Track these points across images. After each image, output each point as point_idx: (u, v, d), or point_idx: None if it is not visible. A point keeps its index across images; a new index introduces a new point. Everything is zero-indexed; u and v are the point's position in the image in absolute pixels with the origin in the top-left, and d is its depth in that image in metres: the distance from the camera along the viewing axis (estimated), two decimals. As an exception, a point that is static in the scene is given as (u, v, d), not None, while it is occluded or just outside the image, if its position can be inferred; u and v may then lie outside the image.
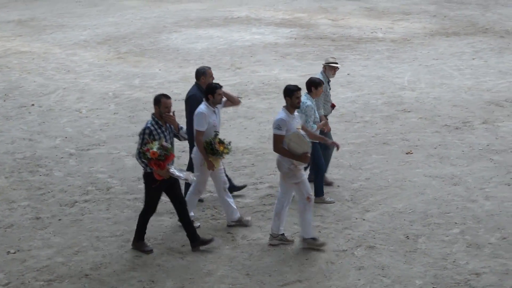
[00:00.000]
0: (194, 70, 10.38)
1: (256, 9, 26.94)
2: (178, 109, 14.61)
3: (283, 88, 9.20)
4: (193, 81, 10.34)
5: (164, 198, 9.22)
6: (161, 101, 8.71)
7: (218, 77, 16.90)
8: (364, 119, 13.76)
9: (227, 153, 9.42)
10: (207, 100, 9.40)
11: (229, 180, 9.96)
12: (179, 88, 16.19)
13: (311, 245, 8.88)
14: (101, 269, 8.62)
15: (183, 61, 18.86)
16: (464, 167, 11.24)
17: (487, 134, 12.64)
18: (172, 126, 8.83)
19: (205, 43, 21.09)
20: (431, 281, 8.08)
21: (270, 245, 9.02)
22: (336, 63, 10.78)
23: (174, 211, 9.13)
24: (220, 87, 9.43)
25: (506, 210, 9.69)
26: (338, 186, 10.70)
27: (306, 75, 16.96)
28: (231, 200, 9.55)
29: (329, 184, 10.58)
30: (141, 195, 8.72)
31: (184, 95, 15.52)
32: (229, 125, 13.67)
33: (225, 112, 14.37)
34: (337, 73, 17.05)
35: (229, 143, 9.47)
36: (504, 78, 16.17)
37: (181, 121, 9.67)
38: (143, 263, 8.70)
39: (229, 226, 9.52)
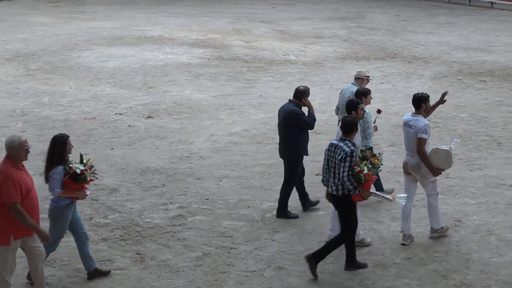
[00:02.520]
0: (106, 89, 10.26)
1: (170, 29, 26.90)
2: (86, 128, 14.44)
3: (195, 108, 9.16)
4: (103, 100, 10.21)
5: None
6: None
7: (130, 96, 16.86)
8: (275, 140, 13.79)
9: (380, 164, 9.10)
10: (418, 109, 9.53)
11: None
12: (89, 107, 15.98)
13: (441, 234, 9.58)
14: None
15: (94, 80, 18.62)
16: (372, 189, 11.42)
17: (394, 157, 12.93)
18: None
19: (117, 61, 20.90)
20: (338, 301, 8.18)
21: (403, 244, 9.44)
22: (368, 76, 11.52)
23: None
24: (360, 102, 9.63)
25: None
26: (248, 207, 10.73)
27: (219, 95, 17.09)
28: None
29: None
30: (45, 214, 8.46)
31: (95, 114, 15.40)
32: (140, 144, 13.56)
33: (136, 132, 14.29)
34: (249, 94, 17.29)
35: (380, 154, 9.27)
36: (411, 102, 16.56)
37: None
38: (49, 286, 8.48)
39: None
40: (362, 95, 10.45)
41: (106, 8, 33.07)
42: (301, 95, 10.42)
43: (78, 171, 8.17)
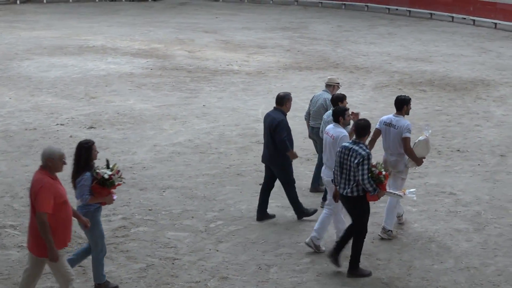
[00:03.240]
0: (47, 99, 10.11)
1: (112, 39, 26.71)
2: (26, 139, 14.21)
3: (138, 118, 9.11)
4: (44, 110, 10.06)
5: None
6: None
7: (71, 107, 16.66)
8: (218, 150, 13.87)
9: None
10: (338, 122, 9.69)
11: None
12: (30, 117, 15.74)
13: (389, 237, 9.99)
14: None
15: (35, 90, 18.35)
16: (315, 197, 11.51)
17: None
18: None
19: (58, 71, 20.66)
20: (283, 311, 8.19)
21: (382, 238, 9.96)
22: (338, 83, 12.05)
23: (23, 244, 8.79)
24: (348, 109, 9.97)
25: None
26: (192, 217, 10.69)
27: (162, 105, 17.01)
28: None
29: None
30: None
31: (36, 124, 15.16)
32: (82, 155, 13.37)
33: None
34: (193, 104, 17.25)
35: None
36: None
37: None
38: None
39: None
40: (339, 100, 10.69)
41: (47, 17, 32.69)
42: (281, 100, 10.50)
43: (106, 176, 8.14)
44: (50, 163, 7.49)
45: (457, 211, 11.03)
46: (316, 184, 11.72)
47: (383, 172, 8.86)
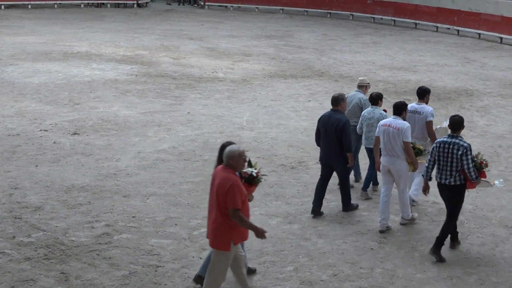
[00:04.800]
0: (31, 105, 10.07)
1: (97, 45, 26.66)
2: (9, 145, 14.13)
3: (122, 125, 9.08)
4: (28, 116, 10.01)
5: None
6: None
7: (55, 113, 16.60)
8: (203, 157, 13.85)
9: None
10: (400, 115, 10.66)
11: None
12: (13, 123, 15.65)
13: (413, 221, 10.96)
14: None
15: (18, 95, 18.26)
16: (299, 205, 11.53)
17: (321, 174, 13.04)
18: None
19: (42, 77, 20.58)
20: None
21: (402, 224, 10.86)
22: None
23: (5, 251, 8.72)
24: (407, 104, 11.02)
25: (337, 247, 10.02)
26: (176, 224, 10.66)
27: (146, 112, 16.97)
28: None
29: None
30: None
31: (19, 130, 15.08)
32: (65, 161, 13.33)
33: (62, 149, 14.06)
34: (177, 111, 17.24)
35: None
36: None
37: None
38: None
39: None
40: (379, 99, 11.78)
41: (31, 23, 32.59)
42: (336, 101, 11.24)
43: (254, 174, 8.50)
44: (232, 161, 7.88)
45: (440, 220, 11.05)
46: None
47: (484, 162, 9.93)
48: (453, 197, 9.76)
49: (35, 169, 12.88)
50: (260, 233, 7.89)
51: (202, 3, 42.01)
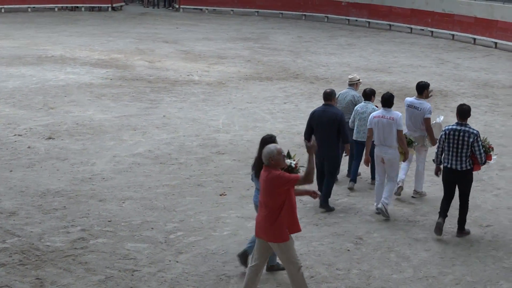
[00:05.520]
0: (5, 109, 9.97)
1: (72, 49, 26.53)
2: (-14, 150, 13.96)
3: (97, 129, 9.04)
4: (2, 120, 9.92)
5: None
6: None
7: (29, 117, 16.48)
8: (179, 161, 13.82)
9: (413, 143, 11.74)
10: (389, 106, 11.24)
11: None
12: (-13, 128, 15.52)
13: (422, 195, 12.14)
14: None
15: (-8, 100, 18.12)
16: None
17: (297, 176, 13.06)
18: None
19: (16, 81, 20.43)
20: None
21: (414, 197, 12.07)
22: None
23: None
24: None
25: (314, 249, 10.04)
26: (152, 228, 10.62)
27: (122, 116, 16.91)
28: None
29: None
30: None
31: None
32: (40, 166, 13.23)
33: (36, 153, 13.96)
34: (153, 115, 17.20)
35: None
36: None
37: None
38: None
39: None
40: (373, 94, 12.39)
41: (5, 27, 32.35)
42: (329, 96, 11.52)
43: (293, 165, 8.77)
44: (273, 161, 8.09)
45: (416, 221, 11.14)
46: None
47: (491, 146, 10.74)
48: (465, 181, 10.47)
49: (10, 174, 12.78)
50: (314, 194, 8.63)
51: (177, 6, 41.95)
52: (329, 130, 11.26)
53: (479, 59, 26.97)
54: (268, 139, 8.70)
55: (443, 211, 10.56)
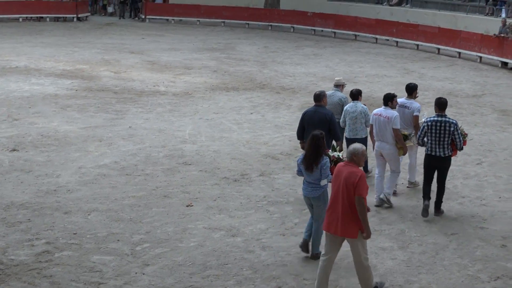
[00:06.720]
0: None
1: (36, 59, 26.31)
2: None
3: (62, 140, 8.94)
4: None
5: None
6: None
7: (-7, 129, 16.26)
8: (145, 172, 13.75)
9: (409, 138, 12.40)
10: (387, 105, 12.05)
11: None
12: (-50, 140, 15.31)
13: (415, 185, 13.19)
14: None
15: (-45, 112, 17.89)
16: (242, 218, 11.53)
17: (263, 186, 13.08)
18: None
19: (-20, 93, 20.20)
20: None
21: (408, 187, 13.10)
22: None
23: None
24: (396, 95, 12.33)
25: (281, 259, 10.04)
26: (118, 240, 10.54)
27: (87, 127, 16.78)
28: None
29: None
30: None
31: None
32: (4, 178, 13.07)
33: (0, 165, 13.80)
34: (119, 126, 17.10)
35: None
36: (279, 132, 16.92)
37: None
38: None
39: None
40: (359, 94, 13.01)
41: (-32, 38, 31.99)
42: (318, 97, 12.08)
43: (341, 157, 10.22)
44: (355, 158, 8.76)
45: (382, 230, 11.19)
46: None
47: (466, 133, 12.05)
48: (445, 166, 11.58)
49: (-27, 187, 12.61)
50: (368, 234, 8.72)
51: (143, 17, 41.84)
52: (322, 129, 11.42)
53: (443, 69, 27.27)
54: (320, 135, 9.49)
55: (427, 194, 11.63)
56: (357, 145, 8.83)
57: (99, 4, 45.20)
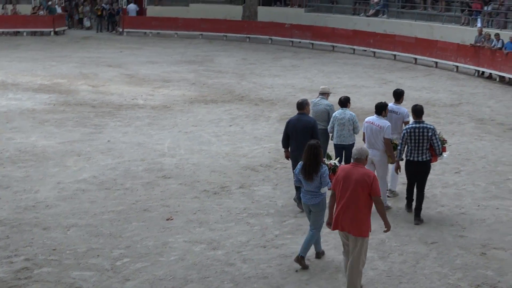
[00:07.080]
0: None
1: (13, 74, 26.16)
2: None
3: (40, 155, 8.88)
4: None
5: None
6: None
7: (-30, 145, 16.13)
8: (124, 186, 13.68)
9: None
10: (381, 114, 12.38)
11: None
12: None
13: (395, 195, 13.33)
14: None
15: None
16: (222, 231, 11.50)
17: (243, 198, 13.07)
18: None
19: (-44, 109, 20.03)
20: None
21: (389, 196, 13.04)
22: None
23: None
24: (387, 104, 12.69)
25: (262, 272, 10.02)
26: (98, 255, 10.47)
27: (65, 142, 16.69)
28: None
29: None
30: None
31: None
32: (-19, 195, 12.96)
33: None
34: (97, 140, 17.03)
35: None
36: (258, 144, 16.93)
37: None
38: None
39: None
40: (348, 101, 13.20)
41: None
42: (301, 105, 12.43)
43: (338, 164, 10.83)
44: (363, 158, 9.21)
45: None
46: None
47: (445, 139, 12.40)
48: (424, 171, 11.96)
49: (-50, 204, 12.49)
50: (388, 226, 9.28)
51: (121, 30, 41.76)
52: (304, 136, 11.91)
53: (420, 78, 27.44)
54: (317, 144, 9.79)
55: (411, 195, 12.36)
56: (363, 148, 9.40)
57: (75, 18, 45.01)
